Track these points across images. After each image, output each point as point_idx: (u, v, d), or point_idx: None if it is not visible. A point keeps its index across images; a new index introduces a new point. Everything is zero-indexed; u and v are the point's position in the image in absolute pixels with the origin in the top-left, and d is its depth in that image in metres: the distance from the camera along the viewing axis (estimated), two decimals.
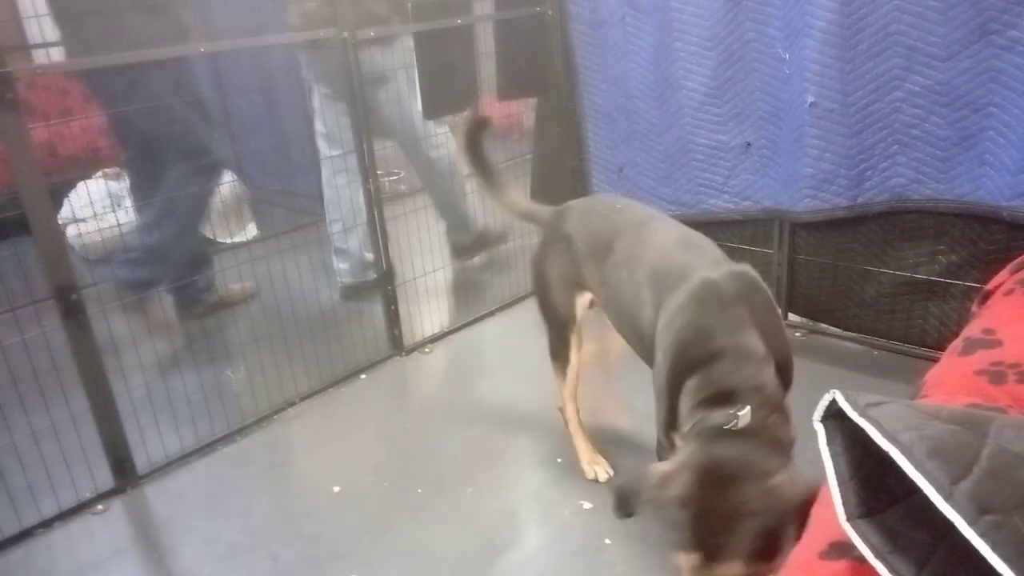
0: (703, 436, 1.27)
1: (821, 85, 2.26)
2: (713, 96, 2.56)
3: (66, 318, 2.04)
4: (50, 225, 2.06)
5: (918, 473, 0.80)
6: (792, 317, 2.76)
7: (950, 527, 0.77)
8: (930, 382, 1.38)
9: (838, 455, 0.95)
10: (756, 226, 2.69)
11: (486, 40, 3.21)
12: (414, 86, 3.09)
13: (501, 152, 4.16)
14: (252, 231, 4.30)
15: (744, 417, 1.24)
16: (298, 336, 2.82)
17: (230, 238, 4.10)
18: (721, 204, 2.69)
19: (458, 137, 3.21)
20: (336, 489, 2.16)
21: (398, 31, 3.01)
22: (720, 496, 1.17)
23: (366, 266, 3.26)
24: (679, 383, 1.38)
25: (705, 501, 1.18)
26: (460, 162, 3.46)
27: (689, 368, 1.37)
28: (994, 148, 2.07)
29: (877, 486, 0.93)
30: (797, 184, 2.44)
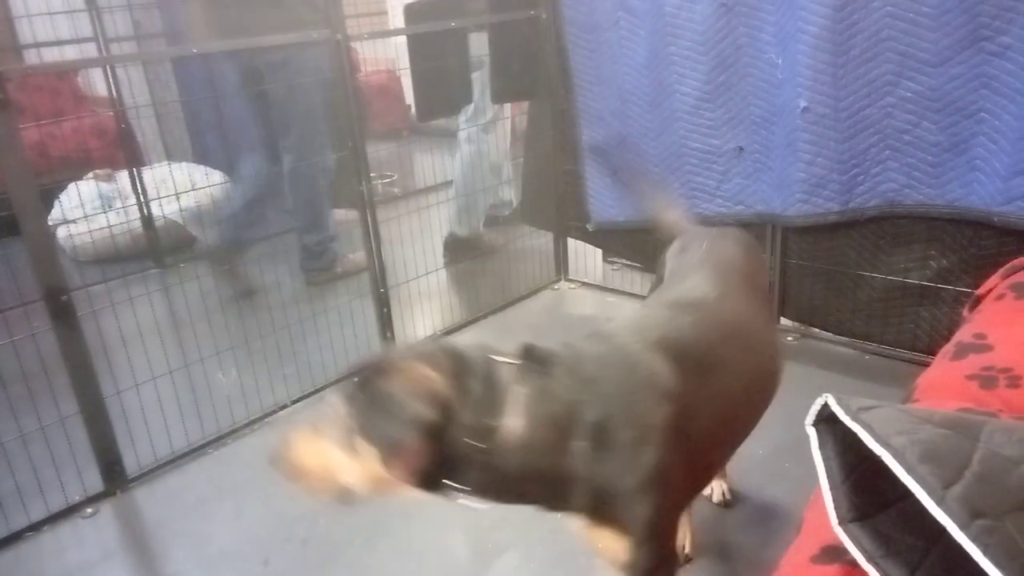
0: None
1: (813, 90, 2.27)
2: (706, 100, 2.57)
3: (56, 320, 2.03)
4: (40, 226, 2.05)
5: (910, 477, 0.81)
6: (784, 321, 2.76)
7: (942, 531, 0.78)
8: (922, 386, 1.39)
9: (830, 459, 0.96)
10: (749, 230, 2.68)
11: (479, 43, 3.21)
12: None
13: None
14: None
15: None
16: (289, 338, 2.80)
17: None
18: (714, 208, 2.70)
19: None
20: None
21: (392, 33, 3.01)
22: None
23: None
24: None
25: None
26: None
27: None
28: (985, 154, 2.09)
29: (869, 490, 0.94)
30: (789, 189, 2.45)
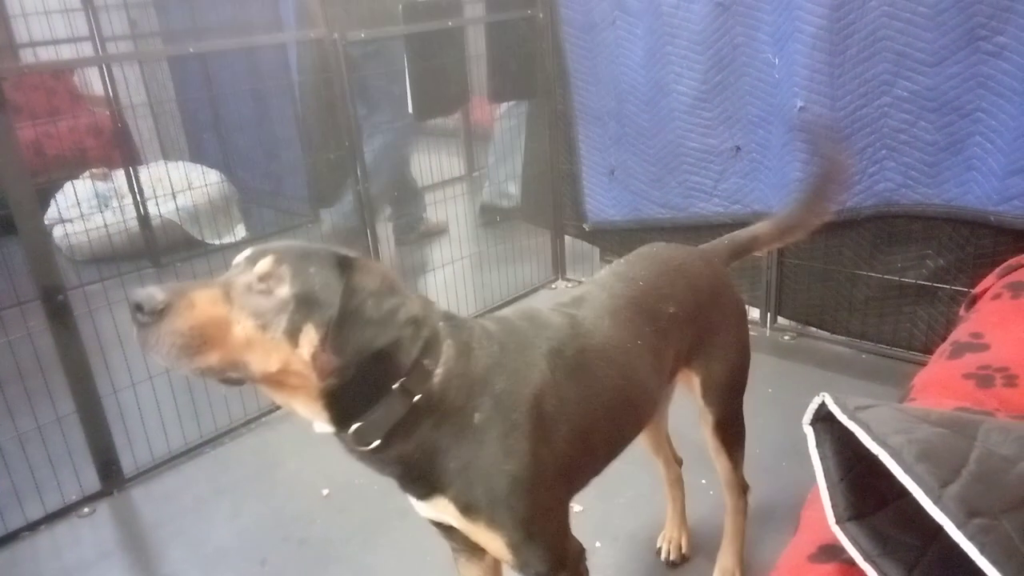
0: None
1: (810, 90, 2.27)
2: (703, 100, 2.57)
3: (52, 319, 2.03)
4: (36, 226, 2.04)
5: (907, 476, 0.81)
6: (781, 320, 2.77)
7: (939, 530, 0.78)
8: (918, 385, 1.39)
9: (827, 458, 0.96)
10: None
11: (477, 43, 3.21)
12: None
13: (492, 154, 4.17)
14: (241, 232, 4.27)
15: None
16: None
17: (218, 240, 4.08)
18: (711, 208, 2.70)
19: None
20: (325, 492, 2.15)
21: (389, 33, 3.01)
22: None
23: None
24: None
25: None
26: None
27: None
28: (981, 153, 2.09)
29: (866, 489, 0.94)
30: (786, 188, 2.45)
